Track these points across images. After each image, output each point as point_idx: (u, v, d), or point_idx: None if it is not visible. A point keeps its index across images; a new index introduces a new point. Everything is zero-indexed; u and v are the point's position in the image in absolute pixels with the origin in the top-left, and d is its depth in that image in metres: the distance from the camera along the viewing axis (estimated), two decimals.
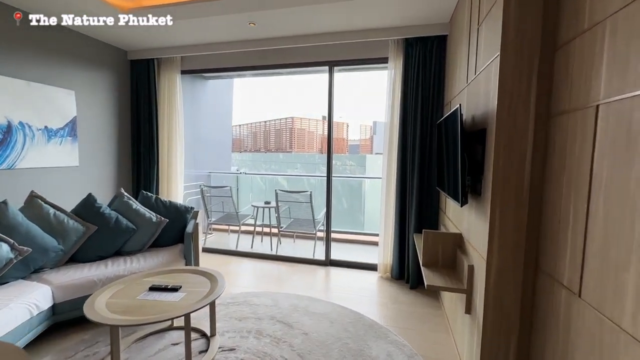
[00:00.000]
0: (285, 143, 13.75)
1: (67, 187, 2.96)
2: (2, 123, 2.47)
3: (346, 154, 13.22)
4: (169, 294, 1.83)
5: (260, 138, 15.03)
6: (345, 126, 13.63)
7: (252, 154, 14.82)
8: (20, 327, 1.77)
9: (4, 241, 2.00)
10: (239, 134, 15.78)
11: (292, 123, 13.33)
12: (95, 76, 3.23)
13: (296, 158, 12.54)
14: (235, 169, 14.73)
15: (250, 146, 15.61)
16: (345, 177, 8.78)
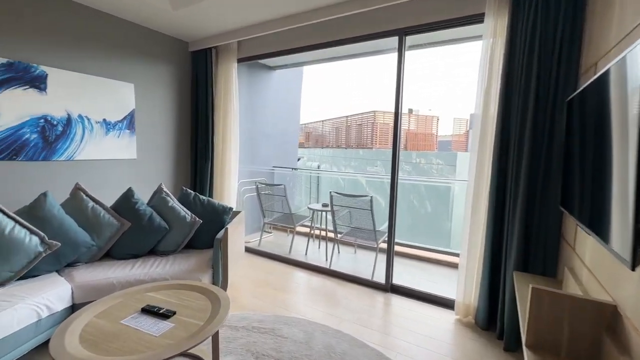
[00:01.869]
0: (366, 139, 13.04)
1: (125, 180, 2.99)
2: (62, 116, 2.56)
3: (434, 151, 11.71)
4: (157, 321, 1.47)
5: (342, 133, 14.67)
6: (434, 120, 12.11)
7: (333, 149, 14.56)
8: (23, 331, 1.65)
9: (34, 234, 1.97)
10: (321, 129, 15.76)
11: (373, 118, 12.50)
12: (155, 69, 3.22)
13: (377, 155, 11.71)
14: (315, 165, 14.78)
15: (332, 142, 15.42)
16: (410, 180, 7.61)
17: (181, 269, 2.23)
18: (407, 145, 12.56)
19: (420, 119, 12.54)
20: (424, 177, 8.63)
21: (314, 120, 15.78)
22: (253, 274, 3.03)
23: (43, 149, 2.47)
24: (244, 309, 2.38)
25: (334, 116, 16.10)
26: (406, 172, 9.81)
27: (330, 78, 32.94)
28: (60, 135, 2.56)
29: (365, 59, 3.99)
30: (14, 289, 1.81)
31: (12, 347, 1.61)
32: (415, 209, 8.38)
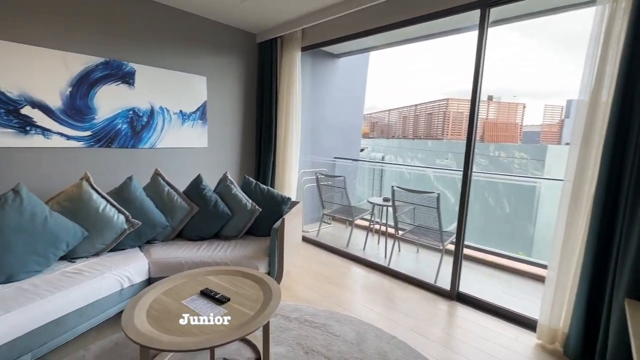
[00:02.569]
0: (436, 129, 12.11)
1: (196, 167, 3.24)
2: (146, 108, 2.85)
3: (517, 144, 10.29)
4: (212, 305, 1.52)
5: (409, 123, 13.90)
6: (519, 108, 10.61)
7: (399, 140, 13.91)
8: (108, 298, 1.89)
9: (121, 213, 2.23)
10: (387, 119, 15.17)
11: (446, 106, 11.50)
12: (226, 62, 3.37)
13: (448, 146, 10.80)
14: (380, 156, 14.36)
15: (398, 132, 14.75)
16: (486, 176, 6.71)
17: (240, 255, 2.32)
18: (485, 136, 11.30)
19: (502, 107, 11.12)
20: (503, 172, 7.66)
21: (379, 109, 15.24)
22: (309, 265, 3.04)
23: (131, 138, 2.79)
24: (298, 300, 2.38)
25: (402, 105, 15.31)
26: (481, 167, 8.84)
27: (399, 64, 31.14)
28: (144, 125, 2.86)
29: (439, 41, 3.60)
30: (105, 260, 2.08)
31: (100, 310, 1.86)
32: (491, 208, 7.51)
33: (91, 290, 1.81)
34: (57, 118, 2.39)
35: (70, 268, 1.94)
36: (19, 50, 2.18)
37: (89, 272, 1.91)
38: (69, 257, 2.07)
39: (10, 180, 2.18)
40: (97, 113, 2.57)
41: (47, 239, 1.89)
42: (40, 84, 2.29)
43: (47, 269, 1.90)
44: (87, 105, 2.51)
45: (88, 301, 1.79)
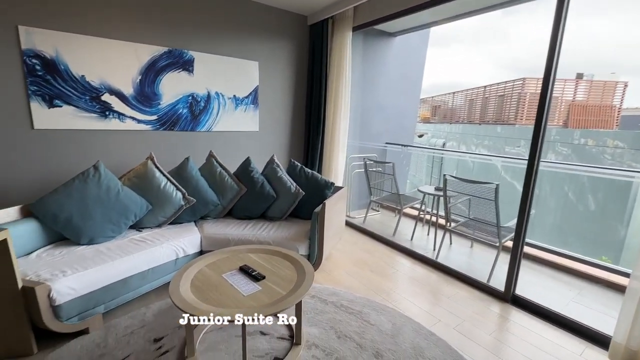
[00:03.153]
0: (508, 113, 10.81)
1: (247, 150, 3.39)
2: (204, 93, 3.04)
3: (613, 130, 8.68)
4: (248, 281, 1.60)
5: (476, 107, 12.67)
6: (618, 87, 8.88)
7: (463, 125, 12.81)
8: (165, 265, 2.12)
9: (179, 190, 2.46)
10: (451, 102, 14.05)
11: (522, 86, 10.15)
12: (277, 46, 3.41)
13: (521, 132, 9.62)
14: (440, 143, 13.50)
15: (464, 116, 13.59)
16: (565, 168, 5.78)
17: (282, 236, 2.40)
18: (570, 121, 9.77)
19: (595, 87, 9.41)
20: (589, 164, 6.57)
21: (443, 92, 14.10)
22: (352, 251, 3.01)
23: (191, 122, 3.02)
24: (336, 284, 2.39)
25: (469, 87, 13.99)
26: (562, 156, 7.69)
27: (464, 40, 27.87)
28: (202, 110, 3.06)
29: (512, 10, 3.13)
30: (165, 231, 2.33)
31: (158, 275, 2.10)
32: (571, 204, 6.54)
33: (152, 257, 2.05)
34: (130, 103, 2.69)
35: (137, 236, 2.21)
36: (99, 44, 2.48)
37: (151, 240, 2.16)
38: (137, 227, 2.36)
39: (91, 157, 2.54)
40: (162, 99, 2.83)
41: (120, 209, 2.18)
42: (116, 73, 2.58)
43: (119, 235, 2.19)
44: (153, 91, 2.78)
45: (149, 266, 2.03)
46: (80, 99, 2.47)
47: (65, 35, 2.34)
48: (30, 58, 2.25)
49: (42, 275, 1.65)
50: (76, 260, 1.83)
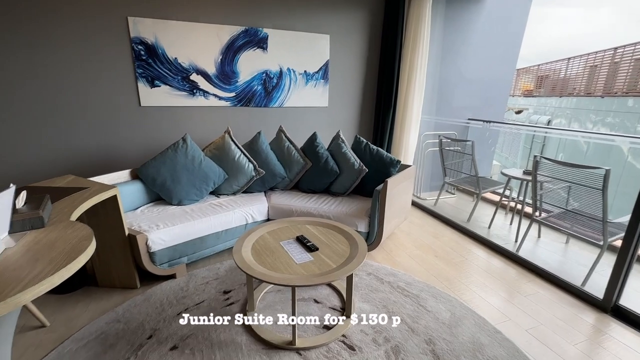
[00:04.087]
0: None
1: (316, 125, 3.44)
2: (276, 70, 3.15)
3: None
4: (302, 251, 1.68)
5: (600, 75, 10.25)
6: None
7: (578, 98, 10.57)
8: (236, 228, 2.36)
9: (251, 162, 2.66)
10: (564, 70, 11.67)
11: None
12: (349, 18, 3.28)
13: None
14: (545, 120, 11.52)
15: (580, 88, 11.20)
16: None
17: (343, 211, 2.41)
18: None
19: None
20: None
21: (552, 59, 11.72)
22: (417, 234, 2.86)
23: (264, 98, 3.19)
24: (395, 265, 2.33)
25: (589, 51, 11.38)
26: None
27: None
28: (275, 86, 3.19)
29: None
30: (238, 199, 2.57)
31: (231, 237, 2.35)
32: None
33: (226, 220, 2.30)
34: (212, 82, 2.96)
35: (215, 201, 2.50)
36: (188, 28, 2.75)
37: (226, 206, 2.41)
38: (215, 193, 2.66)
39: (181, 130, 2.92)
40: (239, 77, 3.03)
41: (202, 177, 2.48)
42: (202, 54, 2.85)
43: (201, 199, 2.51)
44: (232, 70, 2.99)
45: (223, 228, 2.28)
46: (174, 79, 2.82)
47: (162, 22, 2.66)
48: (136, 44, 2.64)
49: (142, 226, 2.01)
50: (167, 217, 2.17)
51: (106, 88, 2.62)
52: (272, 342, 1.54)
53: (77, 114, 2.58)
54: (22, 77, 2.37)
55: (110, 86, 2.63)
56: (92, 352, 1.49)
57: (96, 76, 2.57)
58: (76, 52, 2.47)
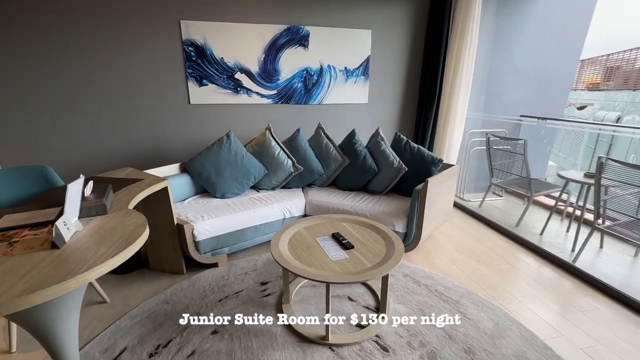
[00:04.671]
0: None
1: (355, 122, 3.41)
2: (317, 67, 3.17)
3: None
4: (338, 248, 1.68)
5: None
6: None
7: None
8: (274, 222, 2.43)
9: (289, 158, 2.72)
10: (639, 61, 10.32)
11: None
12: (391, 12, 3.19)
13: None
14: (615, 117, 10.36)
15: None
16: None
17: (380, 210, 2.37)
18: None
19: None
20: None
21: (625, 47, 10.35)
22: (459, 237, 2.73)
23: (304, 95, 3.23)
24: (434, 268, 2.24)
25: None
26: None
27: None
28: (315, 83, 3.21)
29: None
30: (277, 194, 2.64)
31: (269, 230, 2.43)
32: None
33: (265, 214, 2.38)
34: (255, 80, 3.06)
35: (255, 195, 2.60)
36: (234, 29, 2.87)
37: (265, 200, 2.50)
38: (255, 187, 2.76)
39: (226, 127, 3.06)
40: (281, 74, 3.10)
41: (243, 172, 2.59)
42: (245, 53, 2.96)
43: (242, 193, 2.62)
44: (274, 68, 3.07)
45: (261, 222, 2.37)
46: (220, 78, 2.96)
47: (210, 24, 2.81)
48: (187, 46, 2.81)
49: (189, 217, 2.16)
50: (211, 209, 2.30)
51: (161, 87, 2.83)
52: (305, 336, 1.57)
53: (136, 112, 2.82)
54: (95, 78, 2.65)
55: (165, 85, 2.83)
56: (144, 329, 1.64)
57: (154, 76, 2.78)
58: (137, 55, 2.70)
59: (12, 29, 2.41)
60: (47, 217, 1.33)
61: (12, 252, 1.05)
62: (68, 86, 2.62)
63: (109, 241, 1.13)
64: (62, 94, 2.63)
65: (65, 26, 2.50)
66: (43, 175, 1.77)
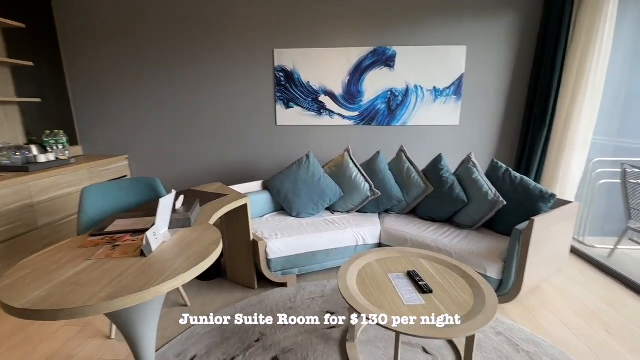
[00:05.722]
0: None
1: (444, 146, 3.11)
2: (402, 87, 3.02)
3: None
4: (413, 290, 1.47)
5: None
6: None
7: None
8: (346, 248, 2.32)
9: (367, 182, 2.60)
10: None
11: None
12: (493, 25, 2.85)
13: None
14: None
15: None
16: None
17: (468, 249, 2.04)
18: None
19: None
20: None
21: None
22: (578, 294, 2.15)
23: (387, 116, 3.10)
24: (538, 331, 1.78)
25: None
26: None
27: None
28: (399, 104, 3.07)
29: None
30: (351, 218, 2.54)
31: (339, 256, 2.33)
32: None
33: (337, 238, 2.30)
34: (338, 102, 3.08)
35: (329, 217, 2.55)
36: (321, 53, 2.97)
37: (339, 224, 2.42)
38: (330, 209, 2.72)
39: (306, 147, 3.14)
40: (364, 96, 3.06)
41: (319, 192, 2.58)
42: (330, 76, 3.02)
43: (317, 214, 2.60)
44: (357, 90, 3.05)
45: (333, 246, 2.29)
46: (305, 101, 3.08)
47: (300, 50, 2.97)
48: (278, 72, 3.02)
49: (264, 234, 2.22)
50: (286, 227, 2.33)
51: (253, 110, 3.09)
52: None
53: (230, 133, 3.14)
54: (203, 105, 3.07)
55: (256, 108, 3.09)
56: (212, 341, 1.70)
57: (247, 101, 3.07)
58: (236, 85, 3.03)
59: (143, 67, 2.98)
60: (146, 225, 1.50)
61: (112, 255, 1.20)
62: (180, 114, 3.09)
63: (186, 255, 1.20)
64: (176, 119, 3.11)
65: (185, 64, 2.97)
66: (151, 185, 2.06)
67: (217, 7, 2.89)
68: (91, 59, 3.04)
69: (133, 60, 3.01)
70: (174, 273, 1.07)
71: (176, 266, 1.12)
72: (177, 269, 1.10)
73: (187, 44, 2.96)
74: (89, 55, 3.03)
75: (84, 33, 2.99)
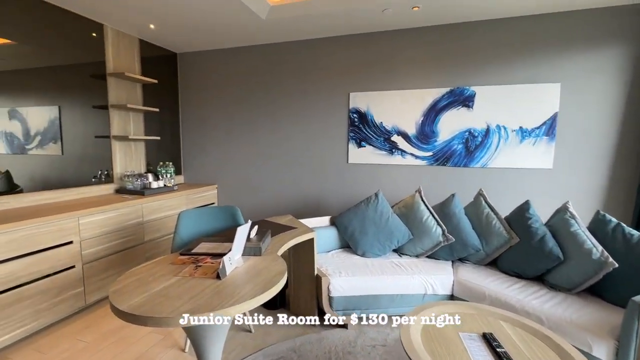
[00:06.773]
0: None
1: (532, 191, 2.76)
2: (482, 128, 2.85)
3: None
4: (486, 355, 1.28)
5: None
6: None
7: None
8: (413, 296, 2.16)
9: (439, 226, 2.45)
10: None
11: None
12: (594, 58, 2.55)
13: None
14: None
15: None
16: None
17: (565, 317, 1.70)
18: None
19: None
20: None
21: None
22: None
23: (464, 157, 2.93)
24: None
25: None
26: None
27: None
28: (478, 145, 2.88)
29: None
30: (420, 263, 2.39)
31: (404, 304, 2.18)
32: None
33: (403, 284, 2.17)
34: (411, 142, 3.05)
35: (396, 260, 2.44)
36: (395, 95, 3.04)
37: (406, 268, 2.30)
38: (398, 251, 2.60)
39: (376, 186, 3.13)
40: (439, 136, 2.97)
41: (387, 233, 2.51)
42: (404, 117, 3.05)
43: (383, 255, 2.52)
44: (432, 130, 2.99)
45: (399, 292, 2.16)
46: (377, 140, 3.14)
47: (375, 93, 3.09)
48: (352, 113, 3.18)
49: (328, 270, 2.24)
50: (350, 266, 2.31)
51: (326, 148, 3.28)
52: None
53: (304, 169, 3.35)
54: (281, 143, 3.40)
55: (330, 147, 3.27)
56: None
57: (322, 140, 3.28)
58: (312, 125, 3.29)
59: (234, 113, 3.47)
60: (224, 250, 1.67)
61: (194, 275, 1.37)
62: (262, 151, 3.46)
63: (253, 282, 1.29)
64: (258, 155, 3.48)
65: (269, 109, 3.38)
66: (233, 214, 2.30)
67: (301, 61, 3.26)
68: (199, 107, 3.70)
69: (228, 108, 3.56)
70: (242, 298, 1.16)
71: (245, 292, 1.21)
72: (245, 295, 1.19)
73: (271, 93, 3.38)
74: (198, 103, 3.70)
75: (197, 86, 3.68)
